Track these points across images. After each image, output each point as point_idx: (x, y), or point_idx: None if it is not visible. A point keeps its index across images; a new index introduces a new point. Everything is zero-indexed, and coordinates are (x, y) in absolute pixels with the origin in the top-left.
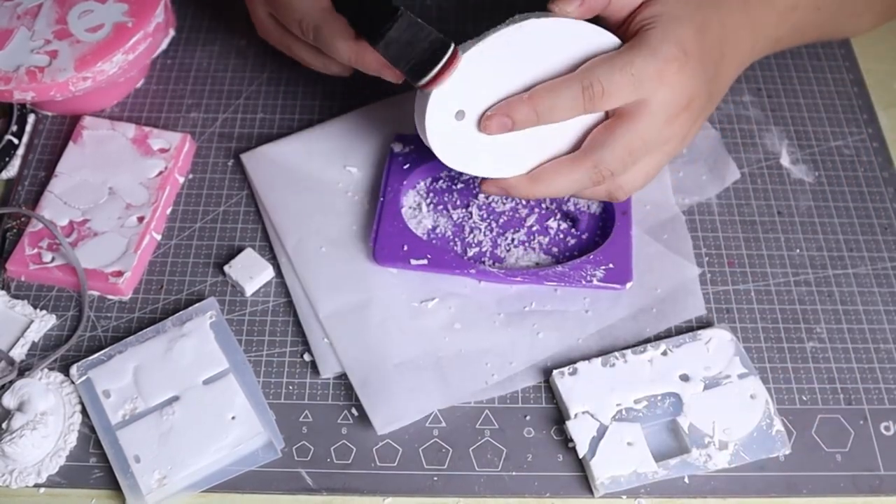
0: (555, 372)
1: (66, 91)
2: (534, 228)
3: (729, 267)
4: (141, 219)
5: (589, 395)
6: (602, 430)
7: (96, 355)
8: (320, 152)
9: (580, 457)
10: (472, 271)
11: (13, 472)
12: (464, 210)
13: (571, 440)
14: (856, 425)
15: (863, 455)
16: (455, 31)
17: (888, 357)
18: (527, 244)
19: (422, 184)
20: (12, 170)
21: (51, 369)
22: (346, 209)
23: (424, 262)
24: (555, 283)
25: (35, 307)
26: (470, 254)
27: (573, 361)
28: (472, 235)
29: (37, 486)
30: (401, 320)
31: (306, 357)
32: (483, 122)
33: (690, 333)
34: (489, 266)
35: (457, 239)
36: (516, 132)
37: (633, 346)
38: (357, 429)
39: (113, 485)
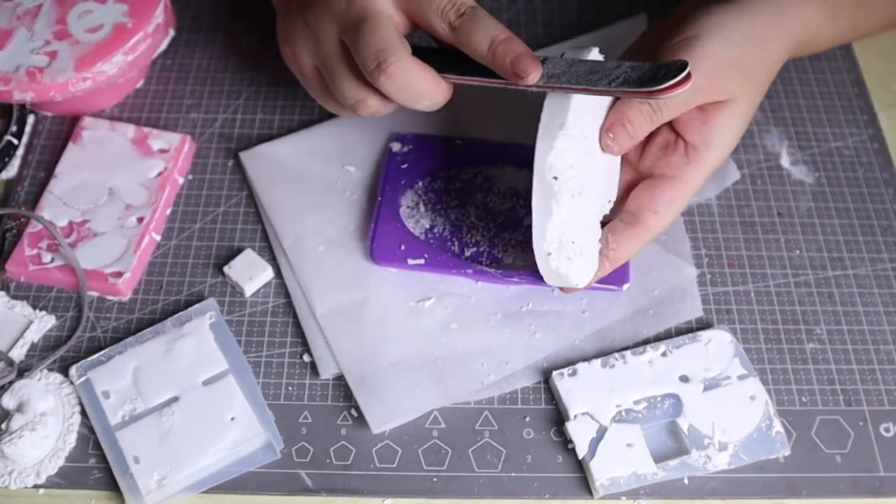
0: (554, 373)
1: (65, 92)
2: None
3: (729, 268)
4: (140, 219)
5: (588, 396)
6: (601, 432)
7: (96, 356)
8: (319, 151)
9: (580, 458)
10: (469, 271)
11: (12, 473)
12: (461, 210)
13: (571, 441)
14: (856, 427)
15: (863, 456)
16: None
17: (888, 358)
18: (524, 244)
19: (420, 183)
20: (12, 170)
21: (50, 370)
22: (345, 208)
23: (422, 261)
24: None
25: (34, 308)
26: (467, 254)
27: (570, 362)
28: (469, 235)
29: (36, 486)
30: (397, 319)
31: (306, 358)
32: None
33: (690, 334)
34: (486, 266)
35: (454, 239)
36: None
37: (632, 347)
38: (356, 430)
39: (112, 486)
